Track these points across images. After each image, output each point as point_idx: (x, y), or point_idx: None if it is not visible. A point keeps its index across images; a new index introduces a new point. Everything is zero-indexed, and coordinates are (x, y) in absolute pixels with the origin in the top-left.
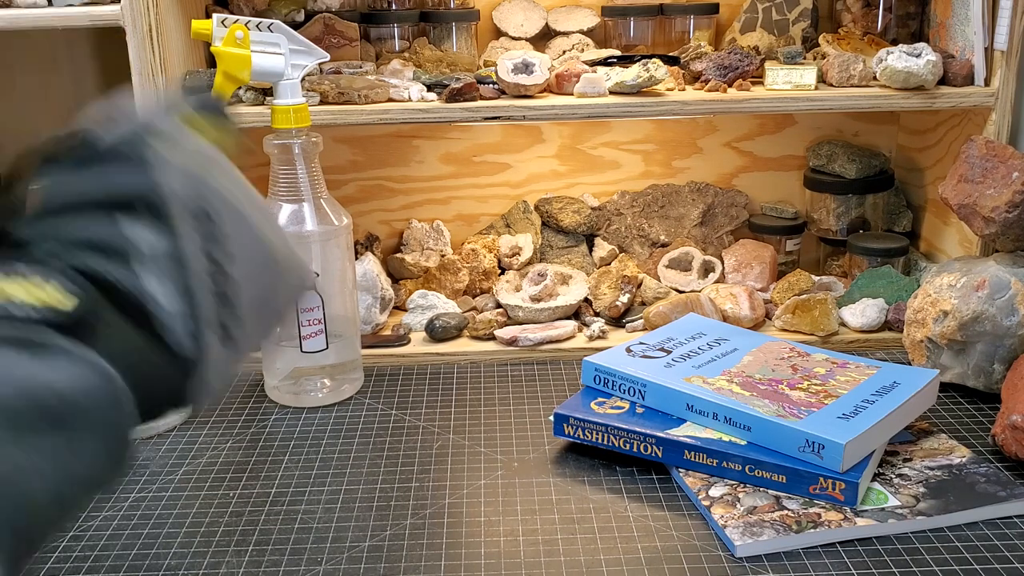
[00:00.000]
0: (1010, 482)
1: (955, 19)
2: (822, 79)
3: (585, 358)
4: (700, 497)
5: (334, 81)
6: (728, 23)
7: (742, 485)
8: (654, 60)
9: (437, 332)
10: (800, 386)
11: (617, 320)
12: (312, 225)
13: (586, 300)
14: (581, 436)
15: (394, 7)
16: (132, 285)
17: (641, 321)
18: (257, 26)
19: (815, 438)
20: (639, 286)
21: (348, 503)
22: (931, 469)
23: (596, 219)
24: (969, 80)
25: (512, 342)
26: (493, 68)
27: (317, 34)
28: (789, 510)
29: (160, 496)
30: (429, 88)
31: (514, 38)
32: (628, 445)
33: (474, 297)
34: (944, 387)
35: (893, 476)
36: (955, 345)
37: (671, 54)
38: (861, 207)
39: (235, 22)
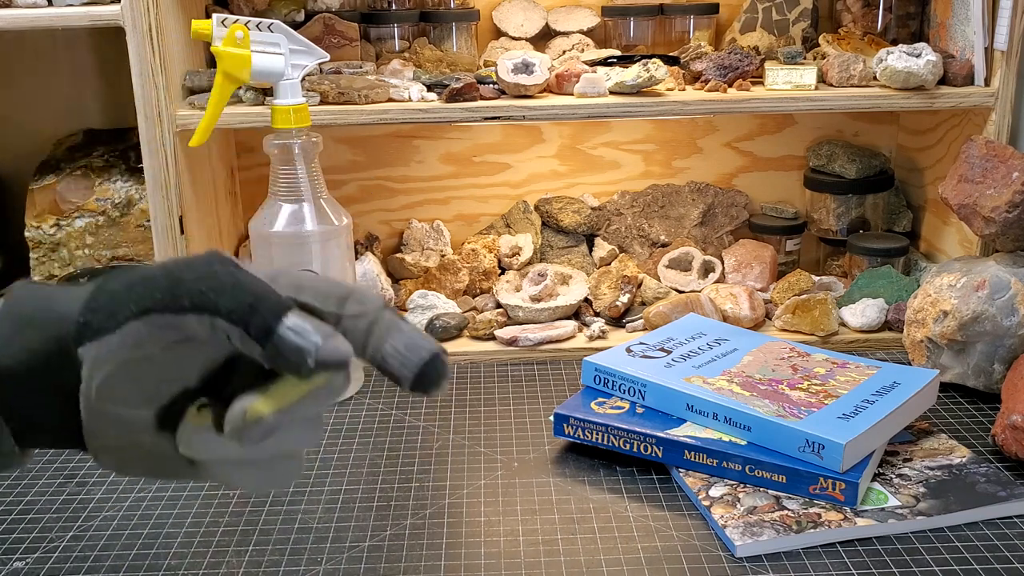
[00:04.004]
0: (1010, 482)
1: (955, 19)
2: (822, 79)
3: (585, 358)
4: (700, 497)
5: (334, 81)
6: (728, 23)
7: (742, 485)
8: (654, 60)
9: (437, 332)
10: (800, 386)
11: (617, 320)
12: (312, 225)
13: (586, 300)
14: (581, 436)
15: (394, 7)
16: None
17: (641, 321)
18: (257, 26)
19: (815, 438)
20: (639, 286)
21: (348, 503)
22: (931, 469)
23: (596, 219)
24: (969, 80)
25: (512, 342)
26: (493, 68)
27: (317, 34)
28: (789, 510)
29: (160, 496)
30: (429, 88)
31: (514, 38)
32: (628, 445)
33: (474, 297)
34: (944, 387)
35: (893, 476)
36: (955, 345)
37: (671, 54)
38: (861, 207)
39: (235, 22)
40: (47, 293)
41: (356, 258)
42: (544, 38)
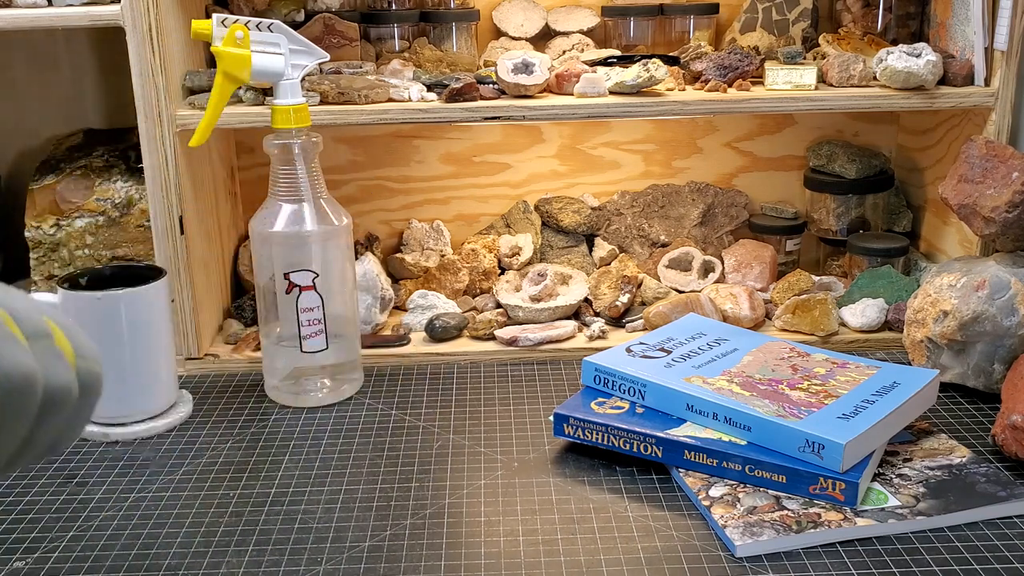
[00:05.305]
0: (1010, 482)
1: (955, 19)
2: (822, 79)
3: (585, 358)
4: (700, 497)
5: (334, 81)
6: (728, 23)
7: (742, 485)
8: (654, 60)
9: (437, 332)
10: (800, 386)
11: (617, 320)
12: (312, 225)
13: (586, 300)
14: (581, 436)
15: (394, 7)
16: None
17: (641, 321)
18: (257, 26)
19: (815, 438)
20: (639, 286)
21: (348, 503)
22: (931, 469)
23: (596, 219)
24: (969, 80)
25: (512, 342)
26: (493, 68)
27: (317, 34)
28: (789, 510)
29: (160, 496)
30: (429, 88)
31: (514, 38)
32: (628, 445)
33: (474, 297)
34: (944, 387)
35: (893, 476)
36: (955, 345)
37: (671, 54)
38: (861, 207)
39: (235, 22)
40: None
41: (356, 258)
42: (544, 38)
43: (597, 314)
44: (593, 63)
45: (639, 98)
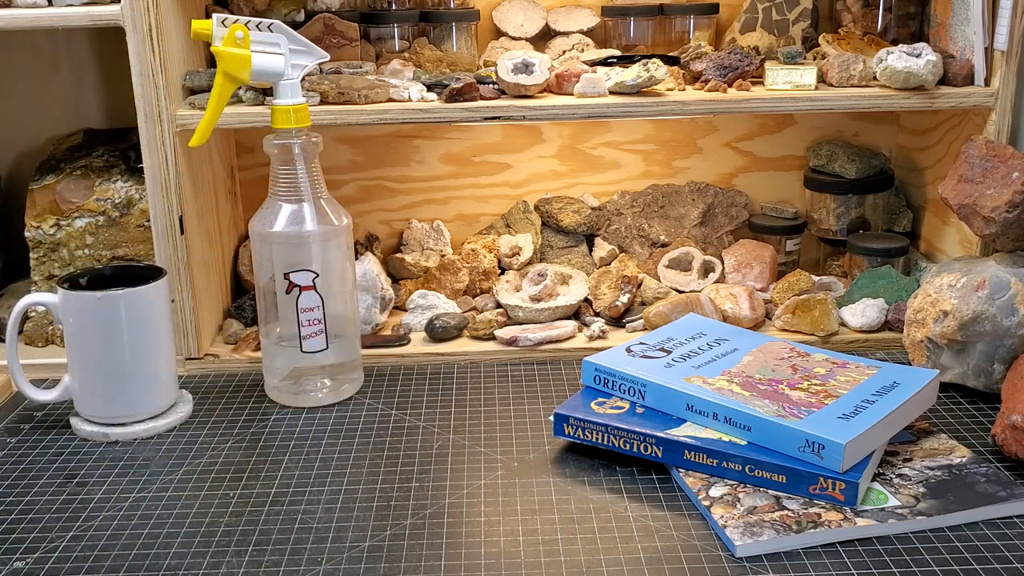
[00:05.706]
0: (1010, 482)
1: (955, 19)
2: (822, 79)
3: (585, 358)
4: (700, 497)
5: (334, 81)
6: (728, 23)
7: (742, 485)
8: (654, 60)
9: (437, 332)
10: (800, 386)
11: (617, 320)
12: (312, 225)
13: (586, 300)
14: (581, 436)
15: (394, 7)
16: None
17: (641, 321)
18: (257, 26)
19: (815, 438)
20: (639, 286)
21: (348, 503)
22: (931, 469)
23: (596, 219)
24: (969, 80)
25: (512, 342)
26: (493, 68)
27: (317, 34)
28: (789, 510)
29: (160, 496)
30: (429, 88)
31: (514, 38)
32: (628, 445)
33: (474, 297)
34: (944, 387)
35: (893, 476)
36: (955, 345)
37: (671, 54)
38: (861, 207)
39: (235, 22)
40: None
41: (356, 258)
42: (544, 38)
43: (597, 314)
44: (593, 63)
45: (639, 98)
